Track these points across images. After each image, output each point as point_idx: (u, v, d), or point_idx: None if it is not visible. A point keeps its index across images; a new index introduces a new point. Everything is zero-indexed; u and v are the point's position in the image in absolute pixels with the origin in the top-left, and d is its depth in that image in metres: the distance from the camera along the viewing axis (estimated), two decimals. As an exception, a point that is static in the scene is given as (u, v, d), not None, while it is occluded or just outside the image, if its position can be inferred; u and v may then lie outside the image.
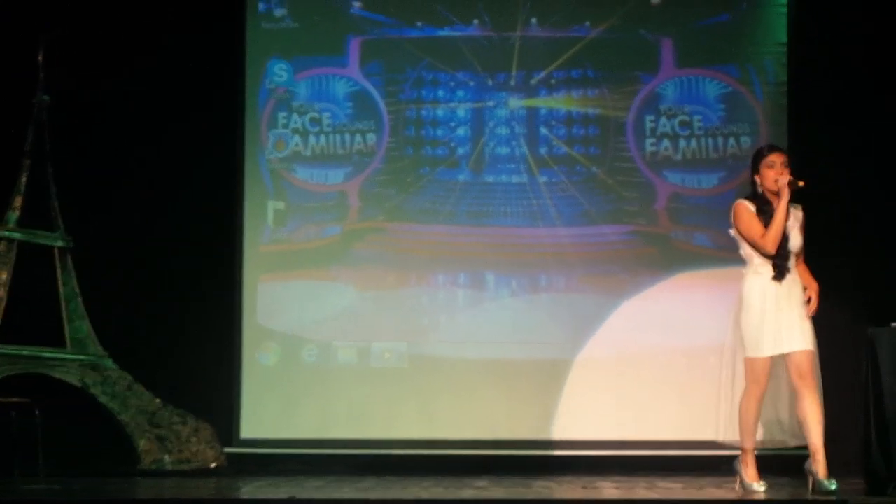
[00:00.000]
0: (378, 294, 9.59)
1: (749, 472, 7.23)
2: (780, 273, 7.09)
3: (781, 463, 8.68)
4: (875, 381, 7.22)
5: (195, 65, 9.52)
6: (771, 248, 7.06)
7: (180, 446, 9.03)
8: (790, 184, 7.04)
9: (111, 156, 9.46)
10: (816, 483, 7.03)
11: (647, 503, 7.34)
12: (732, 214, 7.23)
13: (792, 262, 7.16)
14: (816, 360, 7.10)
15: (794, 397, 7.08)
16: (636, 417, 9.40)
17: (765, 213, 7.12)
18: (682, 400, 9.32)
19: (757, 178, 7.18)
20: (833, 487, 6.95)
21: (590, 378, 9.44)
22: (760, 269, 7.12)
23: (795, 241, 7.16)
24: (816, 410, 7.03)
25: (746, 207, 7.18)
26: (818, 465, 7.03)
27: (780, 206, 7.06)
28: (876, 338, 7.24)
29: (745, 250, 7.20)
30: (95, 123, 9.49)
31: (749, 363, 7.10)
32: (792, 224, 7.16)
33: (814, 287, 7.20)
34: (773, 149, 7.26)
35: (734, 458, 7.33)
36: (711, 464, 8.91)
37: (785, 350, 7.05)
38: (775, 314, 7.05)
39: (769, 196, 7.14)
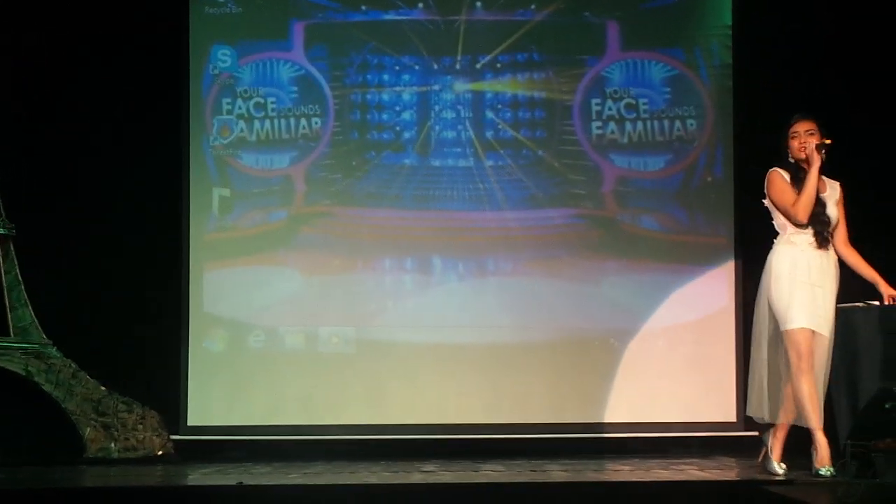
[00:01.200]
0: (325, 279, 9.55)
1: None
2: (821, 241, 6.96)
3: (729, 444, 8.77)
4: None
5: (138, 52, 9.41)
6: (802, 216, 6.94)
7: (126, 434, 8.98)
8: (817, 147, 6.95)
9: (54, 143, 9.35)
10: (766, 463, 7.05)
11: (595, 485, 7.35)
12: (766, 183, 7.12)
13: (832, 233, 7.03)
14: (830, 347, 7.00)
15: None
16: (584, 400, 9.42)
17: (799, 180, 7.00)
18: (631, 383, 9.36)
19: (788, 150, 7.09)
20: (781, 471, 6.97)
21: (537, 361, 9.44)
22: (794, 238, 7.00)
23: (833, 211, 7.04)
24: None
25: (780, 175, 7.07)
26: (777, 444, 7.03)
27: (811, 172, 6.95)
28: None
29: (779, 220, 7.08)
30: (37, 111, 9.38)
31: (788, 337, 6.89)
32: (829, 195, 7.06)
33: (878, 277, 7.05)
34: (798, 118, 7.12)
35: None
36: (659, 446, 8.98)
37: (819, 329, 6.89)
38: (809, 286, 6.90)
39: (801, 164, 7.02)
